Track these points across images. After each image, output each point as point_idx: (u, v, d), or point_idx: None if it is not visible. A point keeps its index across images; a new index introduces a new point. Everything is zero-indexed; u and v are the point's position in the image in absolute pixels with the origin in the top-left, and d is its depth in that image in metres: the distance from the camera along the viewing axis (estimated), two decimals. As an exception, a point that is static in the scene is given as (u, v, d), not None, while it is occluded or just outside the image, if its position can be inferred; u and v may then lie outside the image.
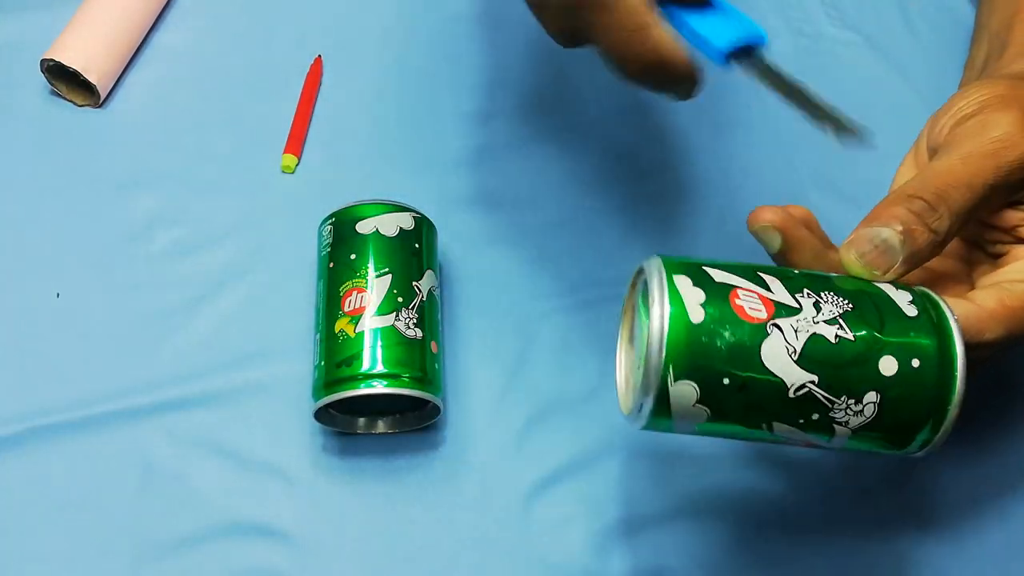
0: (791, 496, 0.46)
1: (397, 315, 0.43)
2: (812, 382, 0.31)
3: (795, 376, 0.31)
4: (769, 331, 0.31)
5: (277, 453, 0.45)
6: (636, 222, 0.53)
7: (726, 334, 0.31)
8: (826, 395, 0.31)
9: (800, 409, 0.31)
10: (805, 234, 0.36)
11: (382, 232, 0.45)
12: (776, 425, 0.32)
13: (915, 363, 0.32)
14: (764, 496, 0.46)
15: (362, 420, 0.45)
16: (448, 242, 0.51)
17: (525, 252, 0.52)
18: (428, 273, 0.46)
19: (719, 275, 0.33)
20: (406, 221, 0.46)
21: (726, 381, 0.31)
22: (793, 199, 0.55)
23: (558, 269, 0.51)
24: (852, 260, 0.34)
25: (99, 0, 0.55)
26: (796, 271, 0.34)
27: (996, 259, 0.39)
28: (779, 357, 0.31)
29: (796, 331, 0.31)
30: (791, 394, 0.31)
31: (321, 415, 0.43)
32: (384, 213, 0.46)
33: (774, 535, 0.45)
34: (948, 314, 0.33)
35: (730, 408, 0.32)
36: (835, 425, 0.32)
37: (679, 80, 0.34)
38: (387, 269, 0.44)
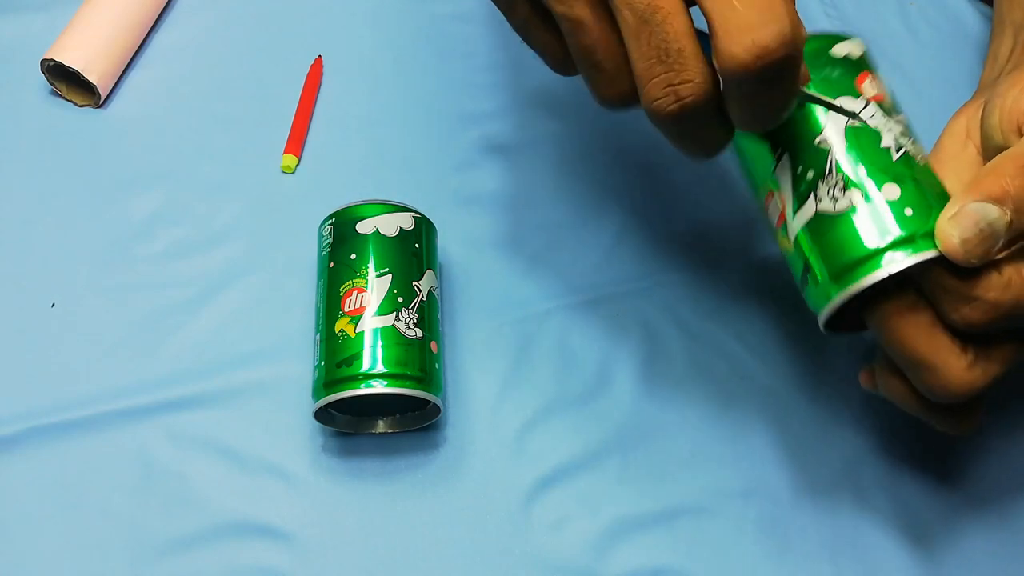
0: (791, 496, 0.46)
1: (397, 315, 0.43)
2: (838, 147, 0.34)
3: (831, 132, 0.34)
4: (858, 99, 0.35)
5: (277, 453, 0.45)
6: (636, 222, 0.53)
7: (836, 72, 0.36)
8: (833, 163, 0.34)
9: (808, 158, 0.35)
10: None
11: (382, 232, 0.45)
12: (783, 162, 0.35)
13: (907, 211, 0.33)
14: (764, 496, 0.46)
15: (362, 420, 0.45)
16: (448, 242, 0.51)
17: (525, 252, 0.52)
18: (428, 273, 0.46)
19: (880, 75, 0.37)
20: (406, 221, 0.46)
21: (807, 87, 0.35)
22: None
23: (558, 269, 0.51)
24: (952, 239, 0.32)
25: (99, 0, 0.55)
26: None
27: None
28: (839, 115, 0.34)
29: (872, 117, 0.35)
30: (816, 140, 0.35)
31: (321, 415, 0.43)
32: (384, 213, 0.46)
33: (774, 535, 0.45)
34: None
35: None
36: (811, 196, 0.34)
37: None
38: (387, 269, 0.44)
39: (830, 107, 0.35)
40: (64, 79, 0.54)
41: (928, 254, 0.33)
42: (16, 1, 0.58)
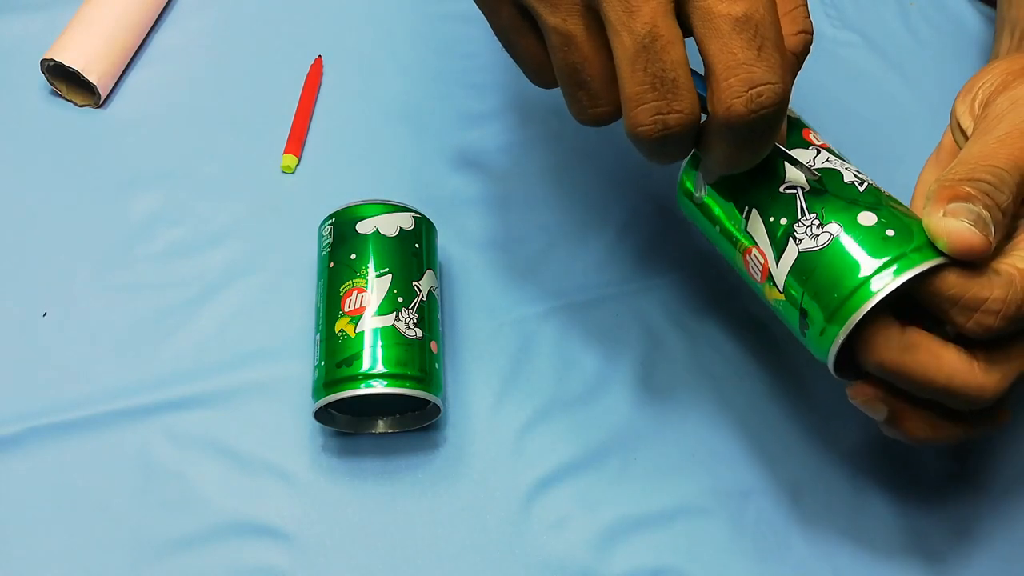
0: (791, 496, 0.46)
1: (397, 315, 0.43)
2: (802, 188, 0.35)
3: (794, 176, 0.35)
4: (809, 148, 0.36)
5: (277, 453, 0.45)
6: (636, 222, 0.53)
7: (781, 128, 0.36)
8: (803, 204, 0.34)
9: (779, 206, 0.35)
10: (906, 405, 0.35)
11: (382, 232, 0.45)
12: (752, 215, 0.36)
13: (888, 233, 0.33)
14: (764, 496, 0.46)
15: (362, 420, 0.45)
16: (448, 242, 0.51)
17: (525, 252, 0.52)
18: (428, 273, 0.46)
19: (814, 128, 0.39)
20: (406, 221, 0.46)
21: None
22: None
23: (558, 269, 0.51)
24: (963, 229, 0.31)
25: (99, 0, 0.55)
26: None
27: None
28: (797, 161, 0.35)
29: (827, 160, 0.36)
30: (781, 188, 0.35)
31: (321, 415, 0.43)
32: (384, 213, 0.46)
33: (774, 535, 0.45)
34: (926, 262, 0.32)
35: (736, 177, 0.36)
36: (791, 240, 0.34)
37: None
38: (387, 269, 0.44)
39: (792, 161, 0.35)
40: (64, 79, 0.54)
41: (927, 263, 0.32)
42: (16, 1, 0.58)
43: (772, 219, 0.35)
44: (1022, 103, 0.34)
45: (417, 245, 0.46)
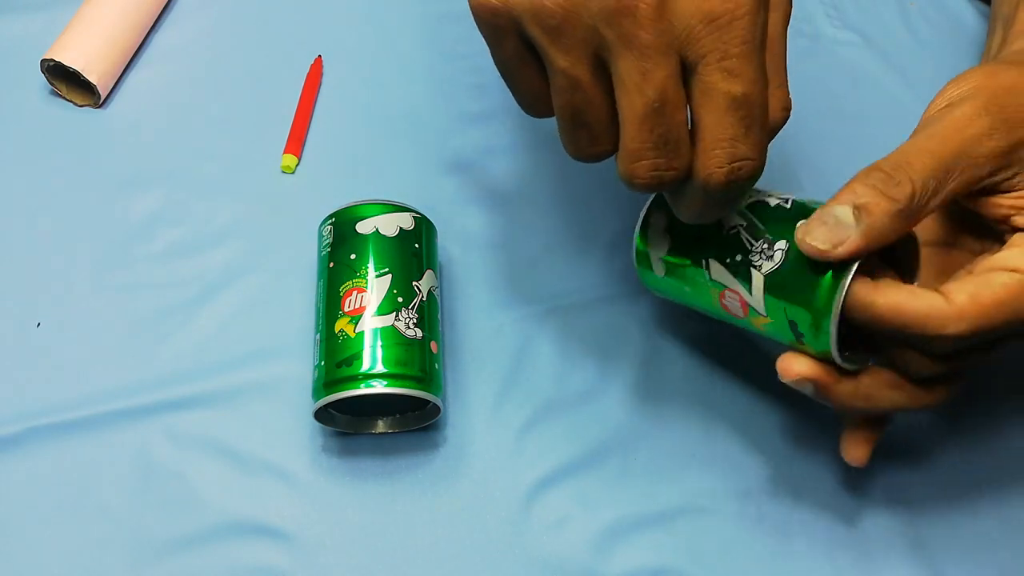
0: (791, 496, 0.46)
1: (397, 315, 0.43)
2: (742, 225, 0.38)
3: (732, 219, 0.38)
4: None
5: (277, 453, 0.45)
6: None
7: None
8: (748, 237, 0.38)
9: (729, 246, 0.38)
10: (833, 379, 0.38)
11: (382, 232, 0.45)
12: (713, 265, 0.39)
13: None
14: (764, 496, 0.46)
15: (362, 420, 0.45)
16: (448, 242, 0.51)
17: (525, 252, 0.52)
18: (428, 273, 0.46)
19: None
20: (406, 221, 0.46)
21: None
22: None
23: (558, 269, 0.51)
24: (800, 236, 0.35)
25: (99, 0, 0.55)
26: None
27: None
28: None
29: (750, 197, 0.39)
30: (724, 232, 0.38)
31: (321, 415, 0.43)
32: (384, 213, 0.46)
33: (774, 535, 0.45)
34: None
35: (684, 237, 0.40)
36: (752, 270, 0.37)
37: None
38: (387, 269, 0.44)
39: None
40: (64, 79, 0.54)
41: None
42: (16, 1, 0.58)
43: (729, 260, 0.38)
44: (952, 109, 0.36)
45: (417, 245, 0.46)
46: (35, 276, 0.49)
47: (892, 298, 0.35)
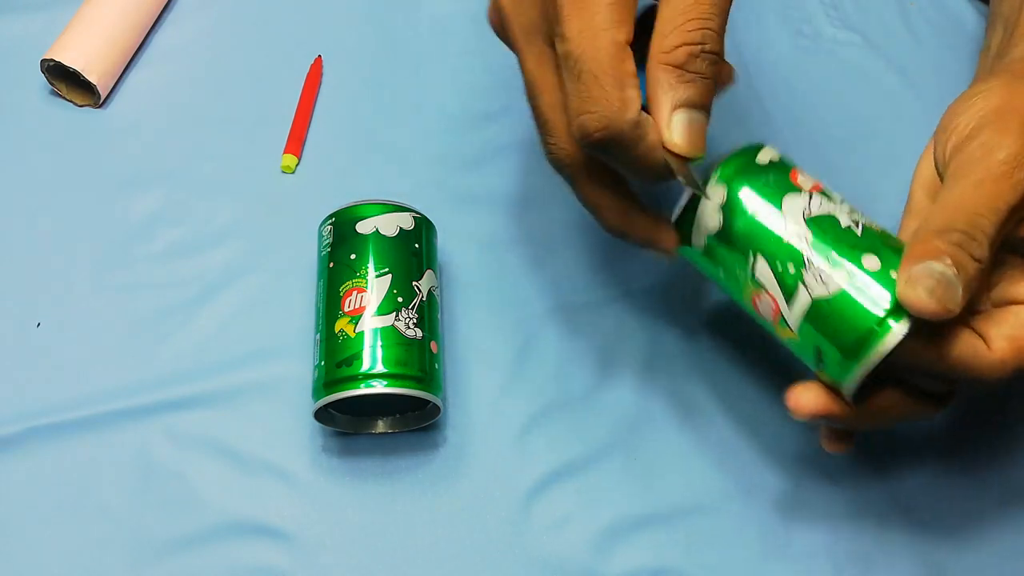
0: (791, 496, 0.46)
1: (397, 315, 0.43)
2: (807, 237, 0.36)
3: (796, 225, 0.36)
4: (801, 192, 0.37)
5: (277, 453, 0.45)
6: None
7: (771, 176, 0.38)
8: (810, 251, 0.36)
9: (785, 255, 0.36)
10: (843, 409, 0.37)
11: (382, 232, 0.45)
12: (760, 262, 0.37)
13: (893, 275, 0.35)
14: (764, 496, 0.46)
15: (362, 420, 0.45)
16: (448, 242, 0.51)
17: (525, 252, 0.52)
18: (428, 273, 0.46)
19: (799, 166, 0.39)
20: (406, 221, 0.46)
21: (746, 203, 0.37)
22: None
23: (558, 269, 0.51)
24: (922, 297, 0.33)
25: (99, 0, 0.55)
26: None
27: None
28: (794, 208, 0.37)
29: (820, 204, 0.37)
30: (785, 238, 0.36)
31: (321, 415, 0.43)
32: (384, 213, 0.46)
33: (774, 535, 0.45)
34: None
35: (738, 224, 0.37)
36: (801, 286, 0.36)
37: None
38: (387, 269, 0.44)
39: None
40: (64, 79, 0.54)
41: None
42: (16, 1, 0.58)
43: (780, 267, 0.36)
44: (996, 149, 0.35)
45: (417, 245, 0.46)
46: (35, 276, 0.49)
47: (935, 351, 0.34)
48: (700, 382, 0.48)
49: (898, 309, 0.34)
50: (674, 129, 0.34)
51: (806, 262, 0.36)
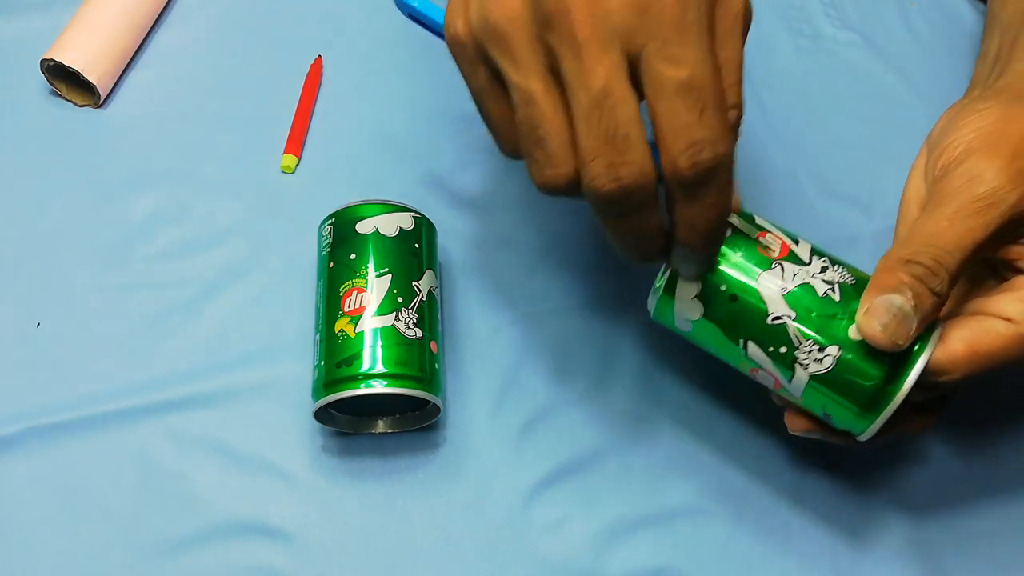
0: (791, 496, 0.46)
1: (397, 315, 0.43)
2: (790, 316, 0.36)
3: (777, 307, 0.36)
4: (773, 266, 0.37)
5: (277, 453, 0.45)
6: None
7: (740, 251, 0.37)
8: (796, 333, 0.36)
9: (773, 337, 0.36)
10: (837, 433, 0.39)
11: (382, 232, 0.45)
12: (751, 346, 0.37)
13: None
14: (764, 496, 0.46)
15: (362, 420, 0.45)
16: (448, 242, 0.51)
17: (525, 252, 0.52)
18: (428, 273, 0.46)
19: (760, 220, 0.39)
20: (406, 221, 0.46)
21: (723, 288, 0.37)
22: (794, 202, 0.55)
23: (558, 269, 0.51)
24: (876, 331, 0.35)
25: (99, 0, 0.55)
26: (829, 253, 0.38)
27: (1000, 281, 0.39)
28: (771, 288, 0.36)
29: (795, 275, 0.36)
30: (769, 320, 0.36)
31: (321, 415, 0.43)
32: (384, 213, 0.46)
33: (774, 535, 0.45)
34: (927, 349, 0.35)
35: (719, 313, 0.37)
36: (796, 366, 0.36)
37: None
38: (387, 269, 0.44)
39: (751, 269, 0.37)
40: (64, 79, 0.54)
41: (921, 361, 0.35)
42: (16, 1, 0.58)
43: (771, 349, 0.37)
44: (977, 181, 0.35)
45: (417, 245, 0.46)
46: (35, 276, 0.49)
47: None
48: (700, 382, 0.48)
49: (896, 364, 0.35)
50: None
51: (796, 343, 0.36)
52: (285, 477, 0.45)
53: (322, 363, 0.43)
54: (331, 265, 0.45)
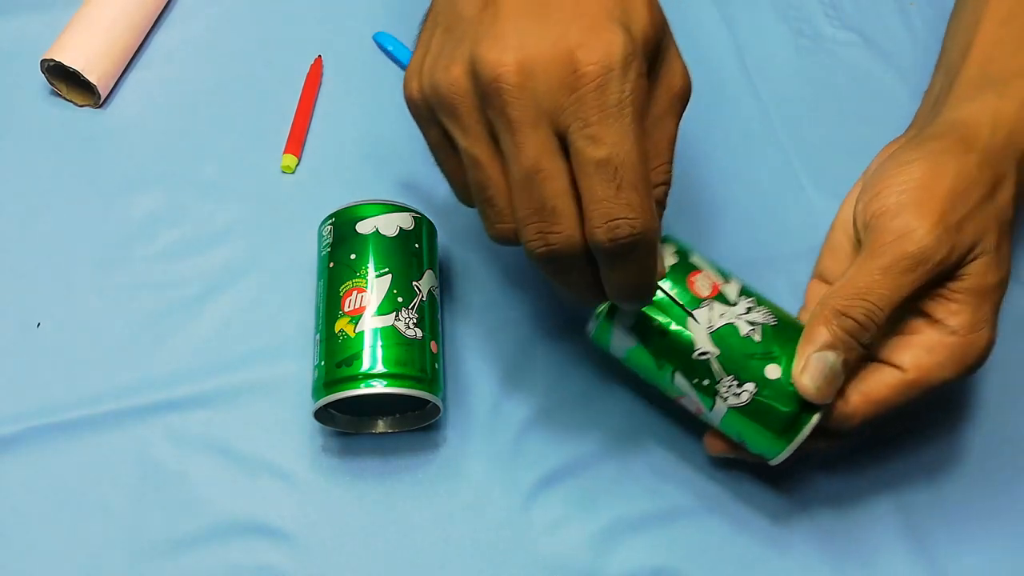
0: (791, 496, 0.46)
1: (397, 315, 0.43)
2: (714, 353, 0.40)
3: (703, 344, 0.40)
4: (702, 305, 0.40)
5: (277, 453, 0.45)
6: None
7: (674, 291, 0.41)
8: (719, 368, 0.39)
9: (698, 370, 0.40)
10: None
11: (382, 232, 0.45)
12: (677, 376, 0.40)
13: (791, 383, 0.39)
14: (764, 496, 0.46)
15: (362, 420, 0.45)
16: (448, 242, 0.51)
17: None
18: (428, 273, 0.46)
19: (695, 258, 0.42)
20: (406, 221, 0.46)
21: (656, 322, 0.40)
22: (794, 202, 0.55)
23: (558, 269, 0.51)
24: (810, 389, 0.38)
25: (99, 0, 0.55)
26: (755, 289, 0.42)
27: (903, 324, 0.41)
28: (700, 327, 0.40)
29: (721, 315, 0.40)
30: (694, 355, 0.40)
31: (321, 415, 0.43)
32: (384, 213, 0.46)
33: (774, 535, 0.45)
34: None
35: (651, 344, 0.41)
36: (717, 397, 0.40)
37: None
38: (387, 269, 0.44)
39: (682, 308, 0.40)
40: (64, 79, 0.54)
41: (817, 417, 0.39)
42: (16, 1, 0.58)
43: (695, 380, 0.40)
44: (907, 240, 0.38)
45: (417, 245, 0.46)
46: (35, 276, 0.49)
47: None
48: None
49: (804, 406, 0.39)
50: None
51: (718, 377, 0.39)
52: (285, 477, 0.45)
53: (322, 363, 0.43)
54: (331, 265, 0.45)
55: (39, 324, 0.48)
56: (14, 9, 0.58)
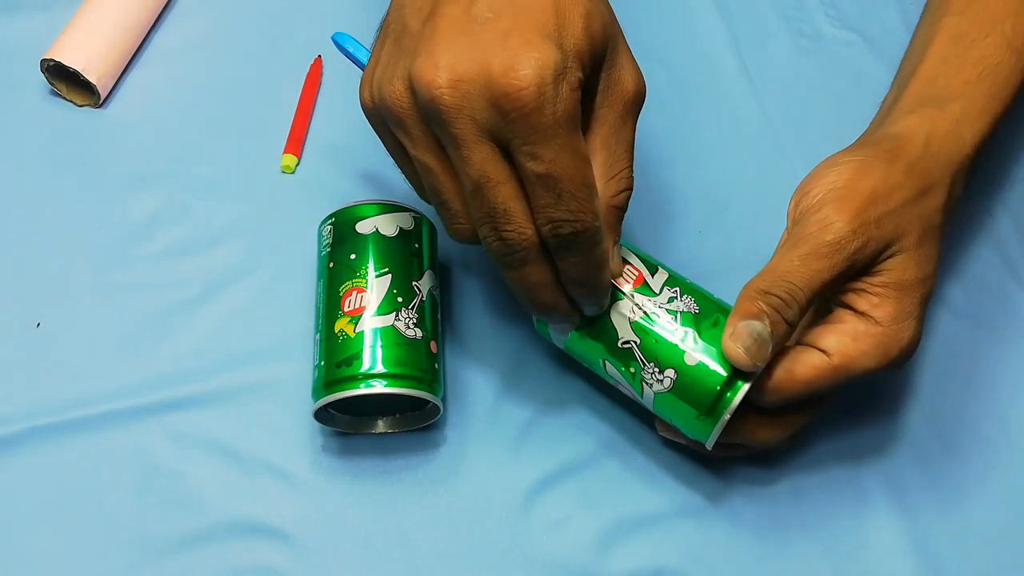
0: (791, 496, 0.46)
1: (397, 315, 0.43)
2: (635, 343, 0.41)
3: (625, 333, 0.41)
4: (624, 298, 0.41)
5: (277, 453, 0.45)
6: (634, 224, 0.53)
7: None
8: (641, 356, 0.41)
9: (624, 359, 0.41)
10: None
11: (382, 232, 0.45)
12: (608, 365, 0.42)
13: (710, 367, 0.40)
14: (764, 496, 0.46)
15: (362, 420, 0.45)
16: (448, 242, 0.51)
17: (525, 252, 0.52)
18: (428, 273, 0.46)
19: (624, 251, 0.43)
20: (406, 221, 0.46)
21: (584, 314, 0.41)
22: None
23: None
24: (739, 353, 0.38)
25: (99, 0, 0.55)
26: (687, 280, 0.43)
27: (826, 311, 0.42)
28: (622, 316, 0.41)
29: (642, 305, 0.41)
30: (619, 344, 0.41)
31: (321, 415, 0.43)
32: (384, 213, 0.46)
33: (774, 535, 0.45)
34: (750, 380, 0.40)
35: (583, 334, 0.42)
36: (643, 384, 0.41)
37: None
38: (387, 269, 0.44)
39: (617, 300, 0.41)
40: (64, 79, 0.54)
41: (742, 391, 0.39)
42: (16, 1, 0.58)
43: (623, 368, 0.41)
44: (826, 230, 0.39)
45: (417, 245, 0.46)
46: (35, 276, 0.49)
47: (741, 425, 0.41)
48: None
49: (725, 385, 0.39)
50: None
51: (642, 365, 0.41)
52: (285, 477, 0.45)
53: (322, 363, 0.43)
54: (331, 265, 0.45)
55: (39, 324, 0.48)
56: (14, 9, 0.58)
